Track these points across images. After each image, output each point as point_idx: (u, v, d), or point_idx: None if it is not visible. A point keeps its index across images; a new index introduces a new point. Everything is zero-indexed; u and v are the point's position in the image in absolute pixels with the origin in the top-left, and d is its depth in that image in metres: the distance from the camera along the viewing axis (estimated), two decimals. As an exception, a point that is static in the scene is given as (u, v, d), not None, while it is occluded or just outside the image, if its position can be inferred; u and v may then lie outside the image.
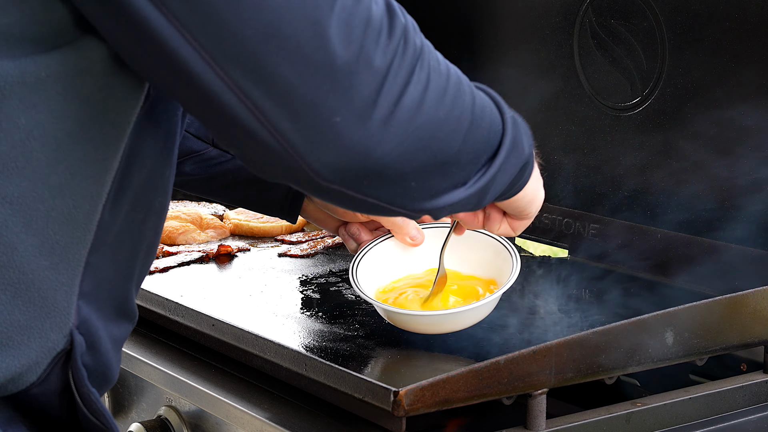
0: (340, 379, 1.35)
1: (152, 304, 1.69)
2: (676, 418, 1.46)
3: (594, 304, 1.80)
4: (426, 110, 1.08)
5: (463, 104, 1.14)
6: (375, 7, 1.05)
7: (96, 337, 1.15)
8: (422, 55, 1.09)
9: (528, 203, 1.38)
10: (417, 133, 1.08)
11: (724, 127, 1.82)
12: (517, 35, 2.18)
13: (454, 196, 1.17)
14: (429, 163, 1.11)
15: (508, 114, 1.23)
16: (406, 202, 1.15)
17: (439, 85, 1.10)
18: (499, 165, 1.20)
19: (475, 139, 1.16)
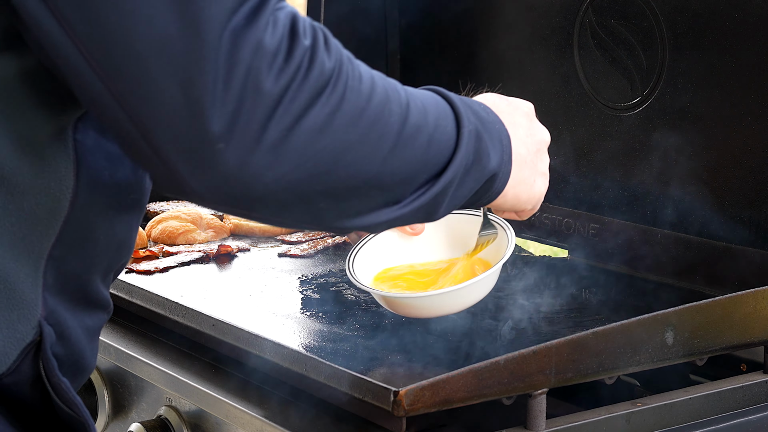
0: (340, 379, 1.35)
1: (152, 304, 1.69)
2: (676, 418, 1.46)
3: (594, 304, 1.80)
4: (332, 134, 1.05)
5: (386, 126, 1.09)
6: (271, 30, 1.01)
7: (65, 327, 1.16)
8: (336, 77, 1.05)
9: (512, 205, 1.36)
10: (319, 156, 1.04)
11: (723, 127, 1.82)
12: (517, 35, 2.18)
13: (384, 214, 1.14)
14: (338, 186, 1.08)
15: (468, 128, 1.19)
16: (321, 221, 1.12)
17: (354, 108, 1.06)
18: (446, 182, 1.16)
19: (403, 160, 1.12)
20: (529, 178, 1.35)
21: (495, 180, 1.25)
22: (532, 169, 1.36)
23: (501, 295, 1.85)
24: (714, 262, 1.81)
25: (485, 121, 1.23)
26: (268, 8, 1.01)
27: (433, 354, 1.51)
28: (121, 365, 1.68)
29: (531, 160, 1.36)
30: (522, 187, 1.34)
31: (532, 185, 1.36)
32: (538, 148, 1.38)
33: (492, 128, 1.24)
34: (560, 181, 2.11)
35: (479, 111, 1.24)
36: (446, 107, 1.19)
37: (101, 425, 1.73)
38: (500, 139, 1.25)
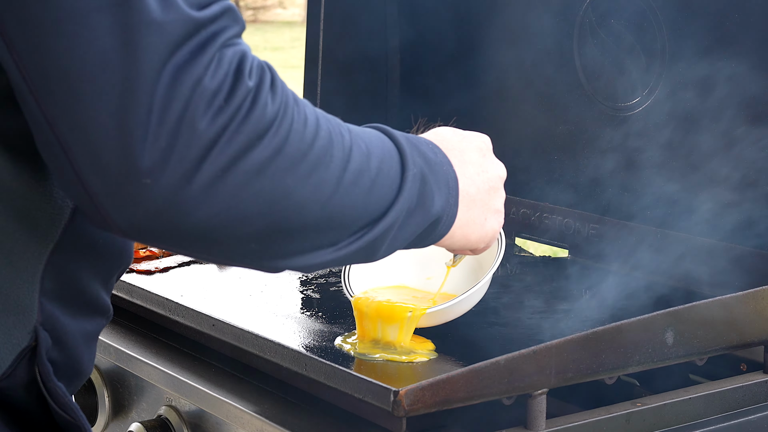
0: (340, 379, 1.35)
1: (152, 304, 1.69)
2: (676, 418, 1.46)
3: (594, 304, 1.80)
4: (269, 177, 1.02)
5: (327, 172, 1.07)
6: (214, 68, 0.98)
7: (62, 332, 1.16)
8: (279, 120, 1.02)
9: (462, 245, 1.32)
10: (254, 199, 1.02)
11: (724, 127, 1.82)
12: (517, 35, 2.18)
13: (318, 257, 1.11)
14: (272, 229, 1.05)
15: (413, 171, 1.16)
16: (251, 261, 1.09)
17: (295, 152, 1.03)
18: (386, 227, 1.14)
19: (342, 205, 1.09)
20: (478, 218, 1.32)
21: (439, 223, 1.22)
22: (483, 208, 1.33)
23: (501, 295, 1.85)
24: (714, 262, 1.81)
25: (432, 163, 1.20)
26: (215, 45, 0.99)
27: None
28: (121, 365, 1.68)
29: (481, 199, 1.32)
30: (471, 227, 1.31)
31: (482, 224, 1.33)
32: (491, 186, 1.34)
33: (439, 170, 1.21)
34: (560, 181, 2.11)
35: (427, 152, 1.21)
36: (392, 149, 1.16)
37: (101, 425, 1.73)
38: (447, 181, 1.22)
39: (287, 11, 30.11)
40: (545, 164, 2.14)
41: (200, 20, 0.98)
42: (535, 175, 2.16)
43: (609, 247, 1.98)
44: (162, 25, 0.96)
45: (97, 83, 0.95)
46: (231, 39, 1.01)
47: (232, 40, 1.01)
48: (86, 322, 1.20)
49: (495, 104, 2.26)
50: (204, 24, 0.98)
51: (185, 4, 0.98)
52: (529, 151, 2.18)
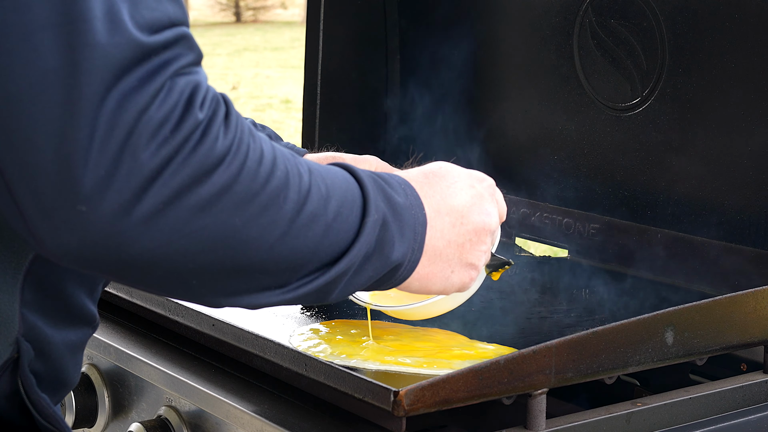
0: (340, 379, 1.35)
1: (152, 304, 1.69)
2: (676, 418, 1.46)
3: (594, 304, 1.80)
4: (215, 214, 0.98)
5: (278, 213, 1.02)
6: (162, 96, 0.94)
7: (45, 344, 1.14)
8: (232, 155, 0.98)
9: (423, 291, 1.26)
10: (197, 236, 0.97)
11: (723, 127, 1.82)
12: (517, 35, 2.18)
13: (265, 297, 1.07)
14: (215, 267, 1.01)
15: (373, 218, 1.11)
16: (193, 297, 1.06)
17: (246, 190, 0.99)
18: (339, 272, 1.09)
19: (293, 248, 1.04)
20: (441, 272, 1.25)
21: (399, 269, 1.17)
22: (449, 263, 1.25)
23: (501, 295, 1.85)
24: (714, 262, 1.81)
25: (399, 207, 1.16)
26: (165, 73, 0.95)
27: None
28: (121, 365, 1.68)
29: (450, 254, 1.25)
30: (432, 280, 1.24)
31: (446, 278, 1.26)
32: (468, 239, 1.26)
33: (405, 214, 1.16)
34: (560, 180, 2.11)
35: (394, 195, 1.16)
36: (355, 193, 1.11)
37: (101, 425, 1.73)
38: (413, 227, 1.17)
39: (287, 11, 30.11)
40: (545, 164, 2.14)
41: (150, 46, 0.94)
42: (535, 175, 2.16)
43: (609, 247, 1.98)
44: (107, 47, 0.92)
45: (37, 104, 0.91)
46: (185, 68, 0.97)
47: (186, 69, 0.97)
48: (71, 333, 1.19)
49: (495, 104, 2.26)
50: (154, 50, 0.95)
51: (134, 27, 0.94)
52: (529, 150, 2.18)
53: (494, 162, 2.26)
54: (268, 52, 19.15)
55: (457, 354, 1.51)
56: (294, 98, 12.75)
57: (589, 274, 1.94)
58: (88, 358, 1.77)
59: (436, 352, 1.52)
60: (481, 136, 2.28)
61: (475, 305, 1.79)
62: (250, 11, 29.40)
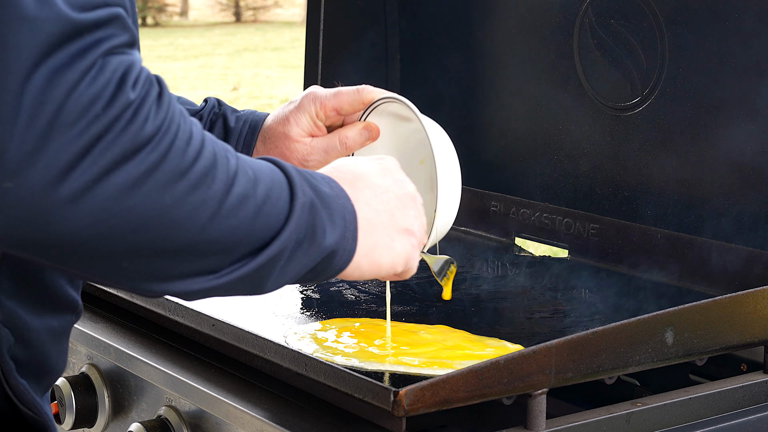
0: (340, 379, 1.35)
1: (152, 304, 1.69)
2: (676, 418, 1.46)
3: (594, 304, 1.80)
4: (145, 193, 0.97)
5: (208, 193, 1.02)
6: (93, 74, 0.95)
7: (25, 330, 1.14)
8: (161, 135, 0.99)
9: (375, 272, 1.25)
10: (127, 214, 0.97)
11: (723, 127, 1.82)
12: (517, 35, 2.18)
13: (197, 283, 1.06)
14: (146, 248, 1.00)
15: (301, 200, 1.12)
16: (125, 282, 1.04)
17: (174, 169, 0.99)
18: (270, 256, 1.09)
19: (224, 229, 1.04)
20: (383, 241, 1.24)
21: (334, 257, 1.17)
22: (387, 230, 1.25)
23: (501, 295, 1.85)
24: (714, 262, 1.81)
25: (325, 196, 1.16)
26: (97, 51, 0.95)
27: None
28: (121, 365, 1.68)
29: (383, 221, 1.25)
30: (378, 252, 1.24)
31: (390, 247, 1.25)
32: (394, 205, 1.26)
33: (333, 203, 1.17)
34: (560, 180, 2.11)
35: (318, 185, 1.16)
36: (281, 179, 1.12)
37: (101, 425, 1.73)
38: (343, 215, 1.18)
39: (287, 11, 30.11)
40: (545, 164, 2.14)
41: (81, 23, 0.95)
42: (535, 175, 2.16)
43: (609, 247, 1.98)
44: (35, 22, 0.92)
45: None
46: (118, 48, 0.97)
47: (119, 49, 0.98)
48: (52, 319, 1.19)
49: (495, 104, 2.26)
50: (86, 27, 0.95)
51: (65, 4, 0.94)
52: (529, 150, 2.18)
53: (494, 162, 2.26)
54: (268, 52, 19.15)
55: (457, 354, 1.51)
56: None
57: (589, 274, 1.94)
58: (88, 358, 1.77)
59: (437, 352, 1.52)
60: (481, 136, 2.28)
61: (475, 305, 1.79)
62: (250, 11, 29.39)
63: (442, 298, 1.58)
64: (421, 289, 1.87)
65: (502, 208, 2.19)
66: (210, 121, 1.67)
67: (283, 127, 1.62)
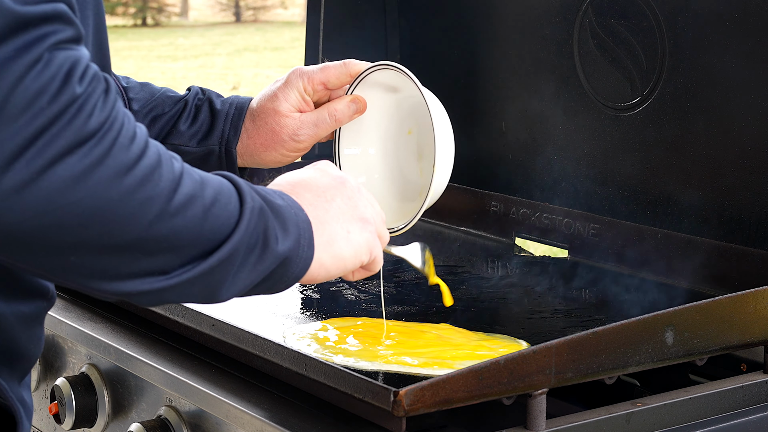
0: (340, 379, 1.35)
1: (152, 304, 1.69)
2: (676, 418, 1.46)
3: (594, 304, 1.80)
4: (90, 187, 0.98)
5: (154, 189, 1.03)
6: (40, 68, 0.96)
7: None
8: (105, 130, 1.00)
9: (341, 268, 1.26)
10: (73, 208, 0.98)
11: (723, 127, 1.82)
12: (517, 35, 2.18)
13: (148, 283, 1.07)
14: (93, 242, 1.01)
15: (251, 205, 1.12)
16: (76, 279, 1.05)
17: (119, 164, 1.00)
18: (221, 259, 1.09)
19: (172, 228, 1.05)
20: (339, 233, 1.25)
21: (290, 263, 1.17)
22: (340, 222, 1.26)
23: (501, 295, 1.85)
24: (714, 262, 1.81)
25: (276, 206, 1.17)
26: (43, 45, 0.96)
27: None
28: (121, 365, 1.68)
29: (334, 215, 1.26)
30: (338, 246, 1.25)
31: (347, 238, 1.26)
32: (341, 199, 1.28)
33: (286, 212, 1.17)
34: (560, 180, 2.11)
35: (268, 196, 1.17)
36: (229, 186, 1.13)
37: (101, 425, 1.73)
38: (297, 223, 1.18)
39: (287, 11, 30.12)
40: (545, 164, 2.14)
41: (25, 16, 0.96)
42: (535, 175, 2.16)
43: (609, 247, 1.98)
44: None
45: None
46: (64, 43, 0.98)
47: (65, 44, 0.99)
48: (22, 305, 1.19)
49: (495, 104, 2.26)
50: (31, 21, 0.96)
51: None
52: (529, 151, 2.18)
53: (494, 162, 2.26)
54: (268, 52, 19.15)
55: (458, 354, 1.51)
56: (294, 98, 12.72)
57: (589, 274, 1.94)
58: (87, 358, 1.77)
59: (437, 352, 1.52)
60: (481, 136, 2.28)
61: (475, 306, 1.79)
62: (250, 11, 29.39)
63: (444, 305, 1.58)
64: (422, 289, 1.87)
65: (502, 208, 2.19)
66: (195, 106, 1.70)
67: (272, 103, 1.64)
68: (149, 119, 1.69)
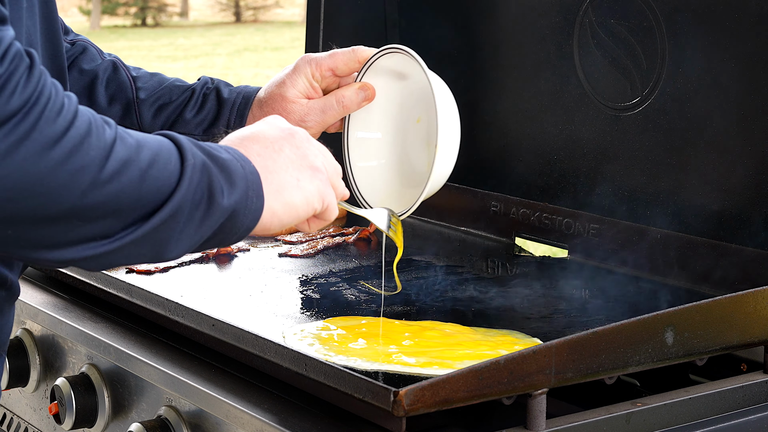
0: (340, 379, 1.35)
1: (152, 304, 1.69)
2: (676, 418, 1.46)
3: (594, 304, 1.80)
4: (17, 162, 1.00)
5: (85, 159, 1.05)
6: None
7: None
8: (30, 106, 1.02)
9: (294, 217, 1.27)
10: (2, 184, 1.00)
11: (723, 127, 1.82)
12: (517, 35, 2.18)
13: (90, 249, 1.08)
14: (27, 215, 1.03)
15: (192, 162, 1.13)
16: (15, 250, 1.07)
17: (45, 138, 1.02)
18: (164, 218, 1.10)
19: (108, 194, 1.06)
20: (288, 181, 1.25)
21: (238, 215, 1.18)
22: (288, 170, 1.26)
23: (501, 295, 1.85)
24: (714, 262, 1.81)
25: (221, 160, 1.17)
26: None
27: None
28: (121, 365, 1.68)
29: (283, 163, 1.25)
30: (288, 193, 1.25)
31: (297, 186, 1.26)
32: (289, 149, 1.27)
33: (231, 165, 1.17)
34: (560, 180, 2.11)
35: (213, 151, 1.17)
36: (169, 145, 1.13)
37: (101, 425, 1.73)
38: (244, 176, 1.18)
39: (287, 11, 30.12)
40: (545, 164, 2.14)
41: None
42: (535, 175, 2.16)
43: (609, 247, 1.98)
44: None
45: None
46: None
47: None
48: None
49: (495, 104, 2.26)
50: None
51: None
52: (529, 151, 2.18)
53: (494, 162, 2.26)
54: (268, 52, 19.15)
55: (459, 354, 1.51)
56: (294, 98, 12.72)
57: (589, 274, 1.94)
58: (87, 358, 1.77)
59: (438, 352, 1.52)
60: (480, 136, 2.28)
61: (475, 306, 1.79)
62: (250, 11, 29.39)
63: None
64: (422, 290, 1.87)
65: (502, 208, 2.19)
66: (203, 95, 1.72)
67: (279, 89, 1.66)
68: (156, 107, 1.72)
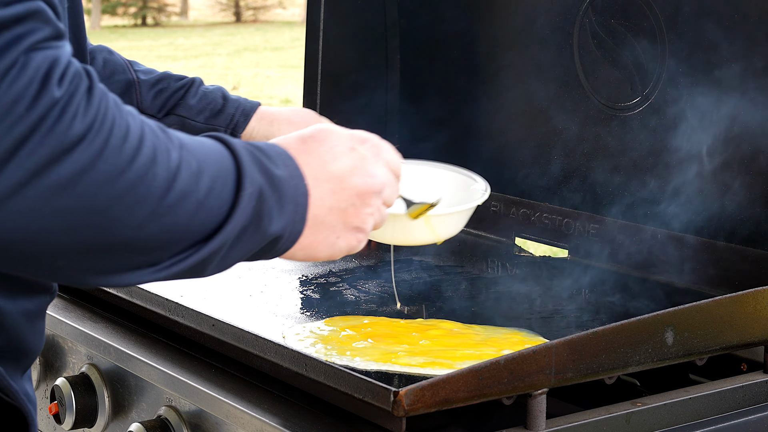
0: (340, 379, 1.35)
1: (152, 304, 1.69)
2: (676, 418, 1.46)
3: (594, 304, 1.80)
4: (79, 194, 0.94)
5: (146, 191, 0.99)
6: (15, 73, 0.92)
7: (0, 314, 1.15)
8: (94, 133, 0.95)
9: (308, 257, 1.21)
10: (59, 216, 0.94)
11: (723, 128, 1.82)
12: (517, 35, 2.18)
13: (138, 276, 1.04)
14: (81, 247, 0.98)
15: (249, 191, 1.08)
16: (61, 278, 1.03)
17: (111, 168, 0.96)
18: (213, 249, 1.06)
19: (162, 227, 1.01)
20: (326, 239, 1.20)
21: (279, 241, 1.14)
22: (333, 230, 1.20)
23: (501, 295, 1.85)
24: (714, 262, 1.81)
25: (277, 180, 1.12)
26: (18, 49, 0.92)
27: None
28: (121, 365, 1.68)
29: (332, 220, 1.20)
30: (317, 248, 1.20)
31: (331, 245, 1.21)
32: (352, 203, 1.21)
33: (285, 187, 1.12)
34: (560, 180, 2.11)
35: (272, 167, 1.12)
36: (229, 167, 1.07)
37: (101, 425, 1.73)
38: (294, 198, 1.14)
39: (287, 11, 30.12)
40: (545, 164, 2.14)
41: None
42: (535, 175, 2.16)
43: (609, 247, 1.98)
44: None
45: None
46: (41, 42, 0.94)
47: (42, 44, 0.94)
48: (26, 302, 1.19)
49: (495, 104, 2.26)
50: (4, 24, 0.92)
51: None
52: (529, 151, 2.18)
53: (494, 161, 2.26)
54: (268, 52, 19.15)
55: (459, 354, 1.51)
56: (294, 98, 12.76)
57: (589, 274, 1.94)
58: (88, 358, 1.77)
59: (440, 352, 1.52)
60: (481, 136, 2.28)
61: (475, 306, 1.79)
62: (250, 11, 29.39)
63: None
64: (422, 290, 1.87)
65: (502, 208, 2.19)
66: (203, 88, 1.76)
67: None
68: (156, 90, 1.74)
